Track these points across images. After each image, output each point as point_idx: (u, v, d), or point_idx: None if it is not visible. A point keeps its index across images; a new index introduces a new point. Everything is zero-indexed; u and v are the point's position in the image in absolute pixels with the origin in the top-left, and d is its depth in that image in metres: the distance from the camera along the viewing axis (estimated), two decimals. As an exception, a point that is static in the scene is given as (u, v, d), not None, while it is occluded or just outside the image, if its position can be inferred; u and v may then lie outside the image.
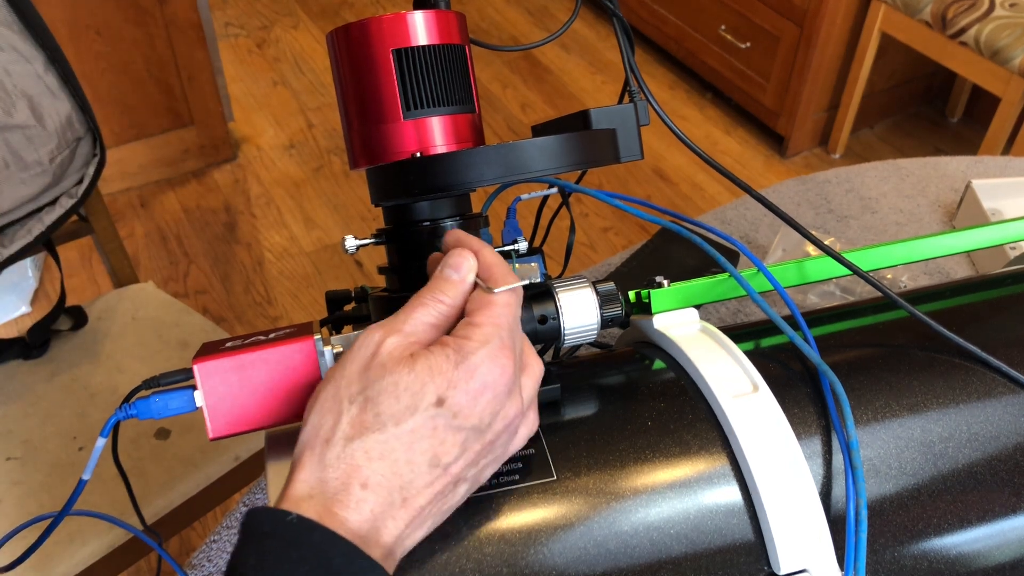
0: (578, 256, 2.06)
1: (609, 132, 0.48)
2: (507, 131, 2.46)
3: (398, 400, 0.35)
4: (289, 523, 0.33)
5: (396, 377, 0.35)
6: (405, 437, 0.35)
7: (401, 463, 0.35)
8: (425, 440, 0.35)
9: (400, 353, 0.36)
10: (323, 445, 0.35)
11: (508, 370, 0.37)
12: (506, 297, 0.38)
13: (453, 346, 0.36)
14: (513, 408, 0.37)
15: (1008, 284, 0.53)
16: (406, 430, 0.35)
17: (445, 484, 0.36)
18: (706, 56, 2.50)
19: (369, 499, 0.34)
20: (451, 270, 0.39)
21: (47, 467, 0.98)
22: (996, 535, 0.41)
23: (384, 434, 0.35)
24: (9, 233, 1.01)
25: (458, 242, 0.41)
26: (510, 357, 0.37)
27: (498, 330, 0.37)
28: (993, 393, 0.43)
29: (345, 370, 0.36)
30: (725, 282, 0.50)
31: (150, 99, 2.10)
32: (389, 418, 0.35)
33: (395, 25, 0.45)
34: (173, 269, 2.04)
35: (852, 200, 1.05)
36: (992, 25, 1.87)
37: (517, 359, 0.38)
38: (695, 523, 0.38)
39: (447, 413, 0.35)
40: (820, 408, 0.42)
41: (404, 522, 0.35)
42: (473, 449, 0.36)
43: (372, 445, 0.35)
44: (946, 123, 2.53)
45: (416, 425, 0.35)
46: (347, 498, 0.34)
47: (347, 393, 0.36)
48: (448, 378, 0.35)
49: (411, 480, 0.35)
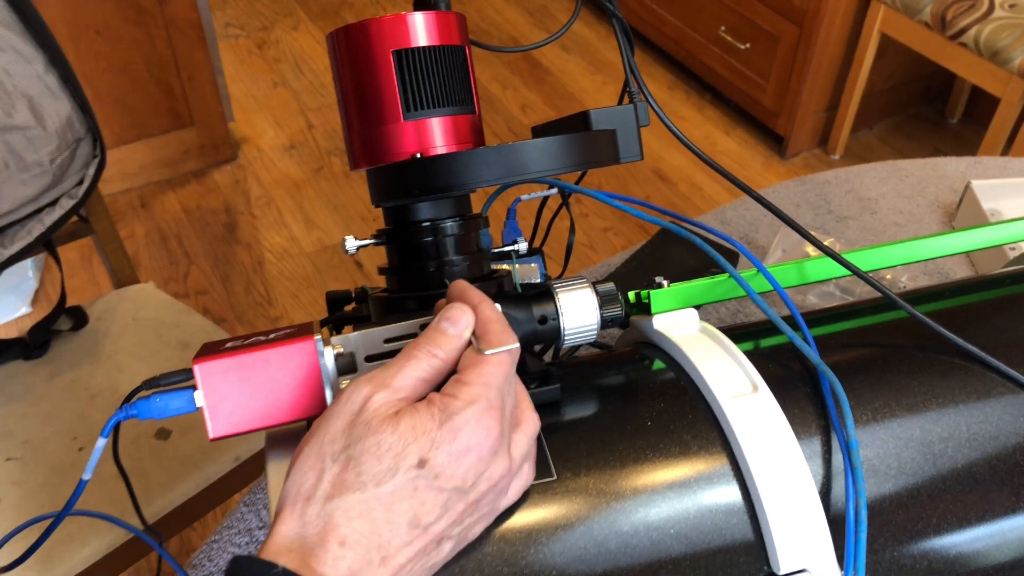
0: (578, 256, 2.07)
1: (609, 133, 0.48)
2: (507, 132, 2.46)
3: (380, 461, 0.35)
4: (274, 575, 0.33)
5: (379, 437, 0.35)
6: (385, 498, 0.35)
7: (381, 523, 0.35)
8: (405, 501, 0.35)
9: (386, 411, 0.36)
10: (304, 502, 0.35)
11: (493, 432, 0.36)
12: (499, 357, 0.38)
13: (439, 404, 0.36)
14: (499, 469, 0.37)
15: (1007, 284, 0.53)
16: (386, 491, 0.35)
17: (426, 543, 0.36)
18: (706, 57, 2.50)
19: (347, 556, 0.34)
20: (448, 323, 0.39)
21: (47, 467, 0.99)
22: (996, 535, 0.41)
23: (364, 494, 0.35)
24: (9, 234, 1.01)
25: (460, 295, 0.41)
26: (496, 419, 0.36)
27: (487, 390, 0.37)
28: (992, 393, 0.43)
29: (330, 426, 0.36)
30: (725, 283, 0.50)
31: (150, 99, 2.10)
32: (370, 479, 0.35)
33: (395, 26, 0.45)
34: (173, 269, 2.04)
35: (851, 201, 1.05)
36: (992, 26, 1.87)
37: (506, 420, 0.37)
38: (695, 523, 0.38)
39: (428, 475, 0.35)
40: (820, 408, 0.42)
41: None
42: (456, 509, 0.36)
43: (352, 504, 0.35)
44: (946, 124, 2.53)
45: (396, 486, 0.35)
46: (324, 554, 0.34)
47: (330, 451, 0.36)
48: (431, 438, 0.35)
49: (390, 539, 0.35)
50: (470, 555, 0.37)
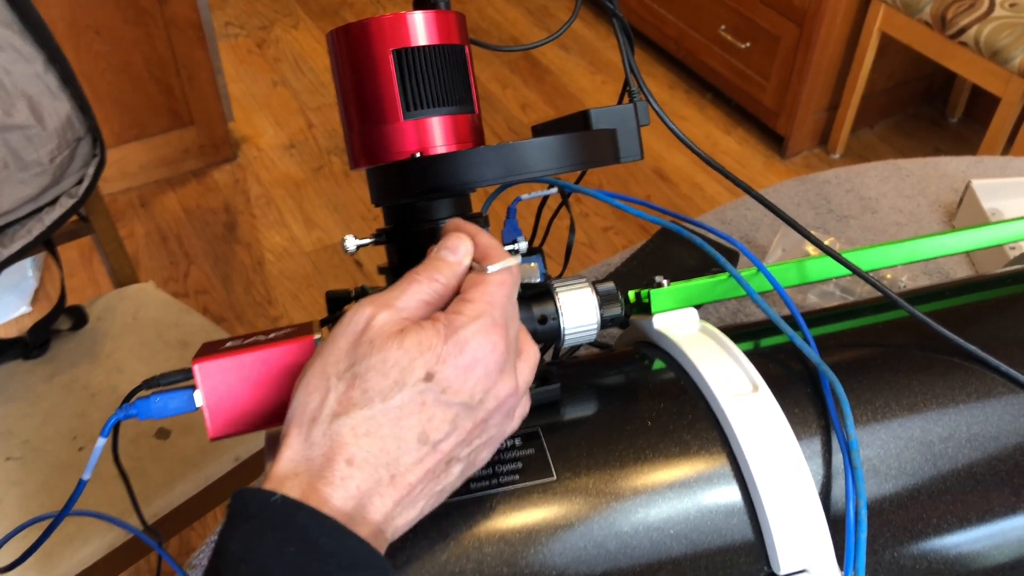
0: (578, 256, 2.06)
1: (609, 132, 0.48)
2: (507, 131, 2.46)
3: (386, 376, 0.34)
4: (274, 504, 0.32)
5: (385, 354, 0.35)
6: (392, 413, 0.34)
7: (388, 439, 0.34)
8: (413, 416, 0.35)
9: (390, 329, 0.36)
10: (309, 423, 0.35)
11: (499, 347, 0.36)
12: (500, 276, 0.38)
13: (444, 321, 0.36)
14: (506, 387, 0.37)
15: (1008, 284, 0.53)
16: (393, 406, 0.34)
17: (436, 462, 0.35)
18: (706, 56, 2.50)
19: (355, 476, 0.34)
20: (447, 251, 0.39)
21: (47, 467, 0.98)
22: (996, 535, 0.41)
23: (371, 410, 0.34)
24: (9, 233, 1.01)
25: (456, 227, 0.41)
26: (502, 335, 0.36)
27: (490, 308, 0.37)
28: (993, 393, 0.43)
29: (334, 346, 0.36)
30: (725, 282, 0.50)
31: (150, 99, 2.10)
32: (376, 394, 0.34)
33: (395, 25, 0.45)
34: (173, 269, 2.04)
35: (852, 200, 1.05)
36: (992, 25, 1.87)
37: (511, 339, 0.37)
38: (695, 523, 0.38)
39: (436, 388, 0.35)
40: (820, 408, 0.42)
41: (392, 500, 0.34)
42: (464, 427, 0.36)
43: (359, 421, 0.34)
44: (946, 123, 2.53)
45: (404, 401, 0.34)
46: (331, 475, 0.33)
47: (335, 370, 0.35)
48: (437, 353, 0.35)
49: (398, 457, 0.34)
50: (470, 555, 0.37)
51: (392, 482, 0.34)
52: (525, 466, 0.40)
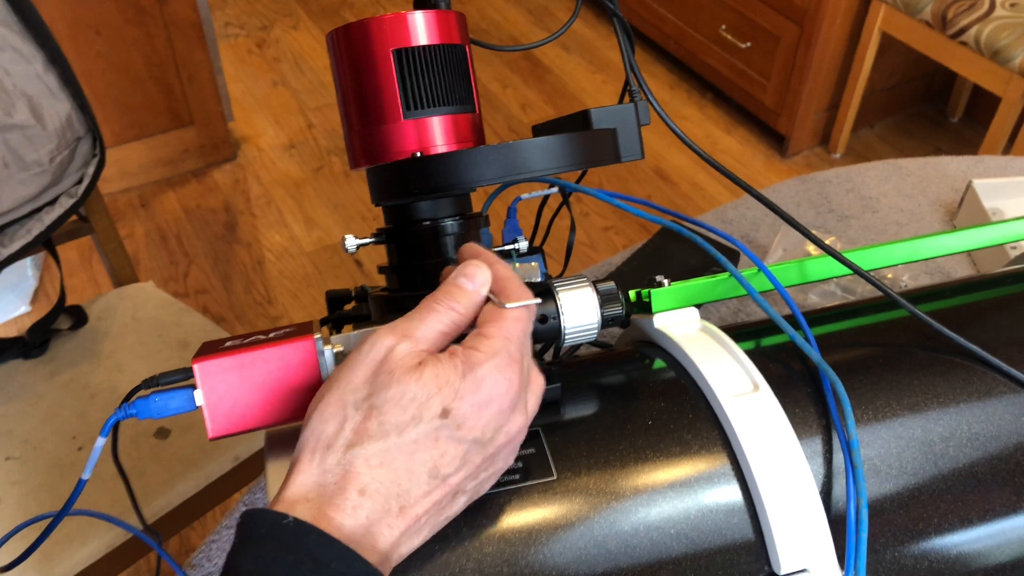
0: (578, 256, 2.06)
1: (610, 132, 0.48)
2: (507, 131, 2.46)
3: (404, 410, 0.35)
4: (286, 526, 0.32)
5: (404, 387, 0.35)
6: (407, 447, 0.35)
7: (401, 472, 0.35)
8: (427, 451, 0.35)
9: (410, 361, 0.36)
10: (324, 449, 0.35)
11: (514, 384, 0.36)
12: (518, 312, 0.38)
13: (462, 356, 0.36)
14: (517, 423, 0.37)
15: (1009, 283, 0.53)
16: (408, 440, 0.35)
17: (444, 495, 0.36)
18: (706, 56, 2.50)
19: (366, 505, 0.34)
20: (466, 279, 0.39)
21: (47, 467, 0.98)
22: (997, 535, 0.41)
23: (386, 443, 0.35)
24: (9, 233, 1.01)
25: (474, 254, 0.41)
26: (517, 372, 0.37)
27: (507, 344, 0.37)
28: (994, 392, 0.43)
29: (352, 374, 0.36)
30: (726, 281, 0.50)
31: (150, 99, 2.10)
32: (393, 428, 0.35)
33: (395, 25, 0.45)
34: (173, 269, 2.04)
35: (853, 200, 1.05)
36: (992, 25, 1.87)
37: (524, 375, 0.38)
38: (695, 523, 0.38)
39: (451, 424, 0.35)
40: (821, 407, 0.42)
41: (400, 530, 0.35)
42: (473, 462, 0.36)
43: (373, 453, 0.35)
44: (947, 123, 2.53)
45: (419, 436, 0.35)
46: (343, 502, 0.34)
47: (352, 399, 0.36)
48: (455, 389, 0.35)
49: (409, 489, 0.35)
50: (470, 555, 0.37)
51: (401, 513, 0.35)
52: (525, 466, 0.40)
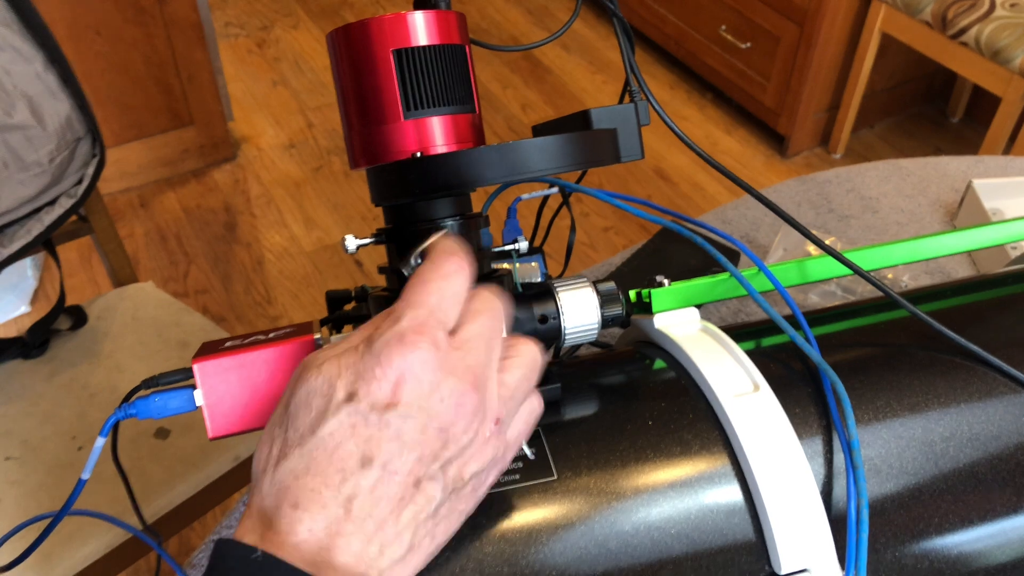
0: (579, 256, 2.06)
1: (610, 132, 0.48)
2: (507, 131, 2.46)
3: (310, 408, 0.33)
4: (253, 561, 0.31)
5: (307, 385, 0.33)
6: (327, 444, 0.32)
7: (330, 472, 0.32)
8: (348, 441, 0.32)
9: (316, 362, 0.34)
10: (261, 476, 0.33)
11: (428, 351, 0.33)
12: (428, 274, 0.35)
13: (361, 336, 0.34)
14: (454, 389, 0.33)
15: (1009, 284, 0.53)
16: (325, 435, 0.32)
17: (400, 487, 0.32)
18: (706, 56, 2.50)
19: (303, 519, 0.31)
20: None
21: (46, 467, 0.98)
22: (997, 535, 0.41)
23: (304, 447, 0.32)
24: (8, 233, 1.01)
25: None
26: (429, 338, 0.33)
27: (413, 309, 0.34)
28: (994, 393, 0.43)
29: (281, 396, 0.35)
30: (726, 282, 0.50)
31: (150, 99, 2.10)
32: (307, 429, 0.32)
33: (395, 25, 0.45)
34: (173, 269, 2.04)
35: (853, 200, 1.05)
36: (992, 25, 1.87)
37: (443, 340, 0.34)
38: (696, 522, 0.38)
39: (364, 408, 0.32)
40: (821, 407, 0.42)
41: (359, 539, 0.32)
42: (417, 441, 0.32)
43: (296, 462, 0.32)
44: (947, 123, 2.53)
45: (334, 428, 0.32)
46: (280, 522, 0.31)
47: (276, 418, 0.34)
48: (356, 370, 0.33)
49: (344, 488, 0.32)
50: (470, 555, 0.37)
51: (348, 517, 0.32)
52: (525, 465, 0.40)
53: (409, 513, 0.33)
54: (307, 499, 0.32)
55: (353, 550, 0.32)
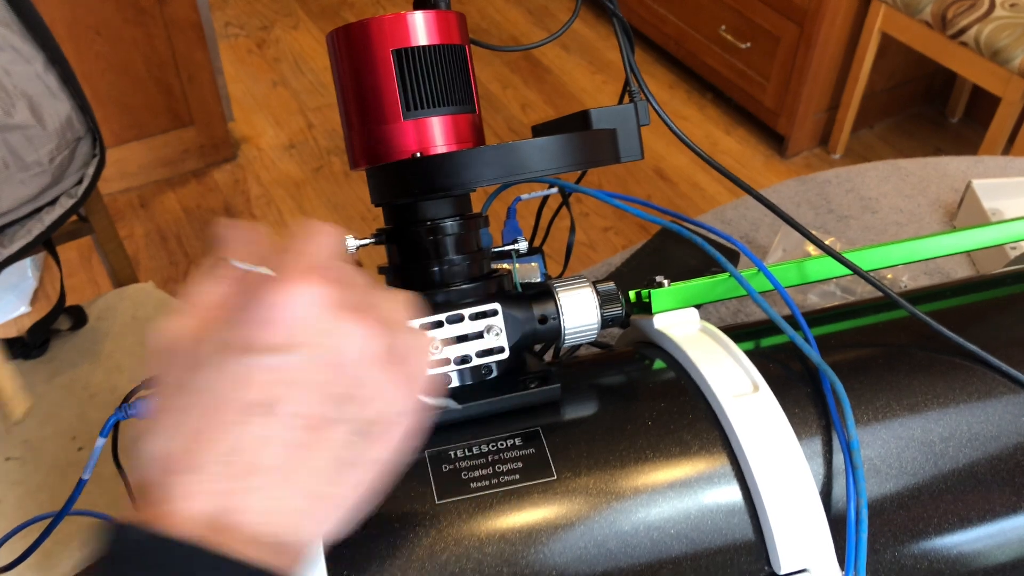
0: (578, 256, 2.06)
1: (609, 132, 0.48)
2: (507, 131, 2.46)
3: (179, 365, 0.31)
4: (143, 542, 0.29)
5: (167, 346, 0.32)
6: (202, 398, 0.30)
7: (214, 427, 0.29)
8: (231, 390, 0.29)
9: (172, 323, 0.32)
10: (141, 451, 0.32)
11: (311, 285, 0.30)
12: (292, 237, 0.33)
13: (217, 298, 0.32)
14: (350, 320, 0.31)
15: (1008, 284, 0.53)
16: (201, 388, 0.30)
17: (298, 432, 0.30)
18: (706, 56, 2.50)
19: (190, 483, 0.29)
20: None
21: (46, 467, 0.98)
22: (997, 535, 0.41)
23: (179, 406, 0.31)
24: (9, 233, 1.01)
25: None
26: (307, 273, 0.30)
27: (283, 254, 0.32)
28: (994, 393, 0.43)
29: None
30: (725, 282, 0.50)
31: (150, 99, 2.10)
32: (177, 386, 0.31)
33: (395, 25, 0.45)
34: (173, 269, 2.04)
35: (852, 200, 1.05)
36: (992, 25, 1.87)
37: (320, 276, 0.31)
38: (695, 522, 0.38)
39: (242, 352, 0.30)
40: (820, 408, 0.42)
41: (261, 494, 0.29)
42: (309, 380, 0.30)
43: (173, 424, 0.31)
44: (946, 123, 2.53)
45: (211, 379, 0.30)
46: (166, 493, 0.29)
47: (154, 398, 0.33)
48: (228, 318, 0.31)
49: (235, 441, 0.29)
50: (470, 555, 0.37)
51: (242, 472, 0.29)
52: (525, 465, 0.40)
53: (313, 460, 0.30)
54: (190, 461, 0.29)
55: (254, 507, 0.29)
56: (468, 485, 0.39)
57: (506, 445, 0.41)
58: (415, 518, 0.38)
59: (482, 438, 0.41)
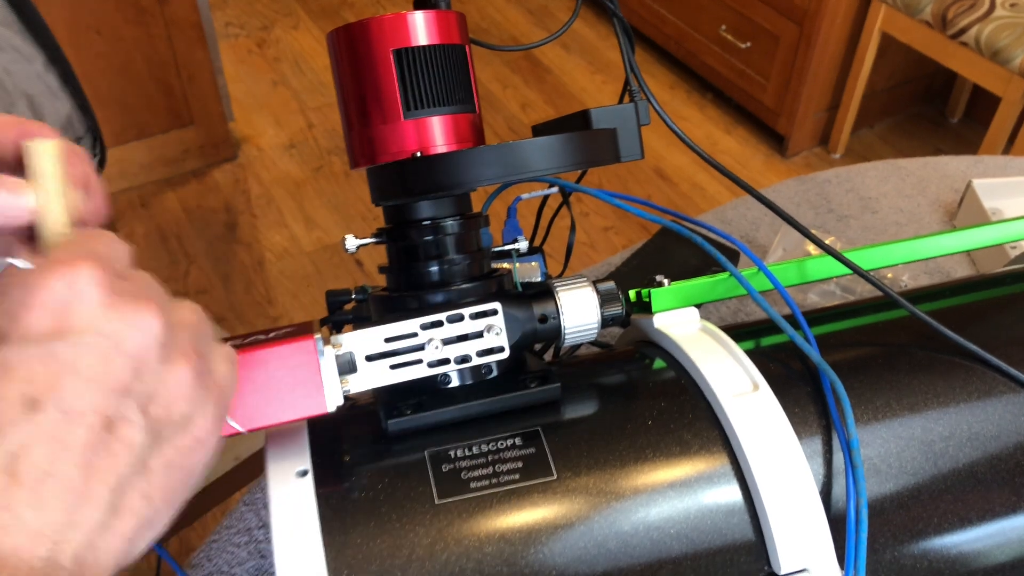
0: (578, 256, 2.06)
1: (609, 132, 0.48)
2: (507, 131, 2.46)
3: None
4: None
5: None
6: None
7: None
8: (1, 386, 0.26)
9: None
10: None
11: (93, 268, 0.28)
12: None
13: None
14: (142, 308, 0.28)
15: (1008, 283, 0.53)
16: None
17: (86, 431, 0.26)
18: (706, 56, 2.50)
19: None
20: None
21: (47, 467, 0.98)
22: (997, 534, 0.41)
23: None
24: (9, 233, 1.01)
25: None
26: (88, 258, 0.28)
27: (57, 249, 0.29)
28: (994, 392, 0.43)
29: None
30: (725, 281, 0.50)
31: (150, 99, 2.10)
32: None
33: (395, 25, 0.45)
34: (173, 269, 2.04)
35: (852, 200, 1.05)
36: (992, 25, 1.87)
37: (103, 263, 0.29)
38: (695, 522, 0.38)
39: (13, 343, 0.26)
40: (820, 407, 0.42)
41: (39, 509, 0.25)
42: (99, 372, 0.27)
43: None
44: (946, 123, 2.53)
45: None
46: None
47: None
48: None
49: (7, 444, 0.25)
50: (470, 555, 0.37)
51: (16, 481, 0.25)
52: (525, 465, 0.40)
53: (105, 464, 0.26)
54: None
55: (29, 525, 0.24)
56: (468, 485, 0.39)
57: (506, 445, 0.41)
58: (415, 518, 0.38)
59: (482, 438, 0.41)
